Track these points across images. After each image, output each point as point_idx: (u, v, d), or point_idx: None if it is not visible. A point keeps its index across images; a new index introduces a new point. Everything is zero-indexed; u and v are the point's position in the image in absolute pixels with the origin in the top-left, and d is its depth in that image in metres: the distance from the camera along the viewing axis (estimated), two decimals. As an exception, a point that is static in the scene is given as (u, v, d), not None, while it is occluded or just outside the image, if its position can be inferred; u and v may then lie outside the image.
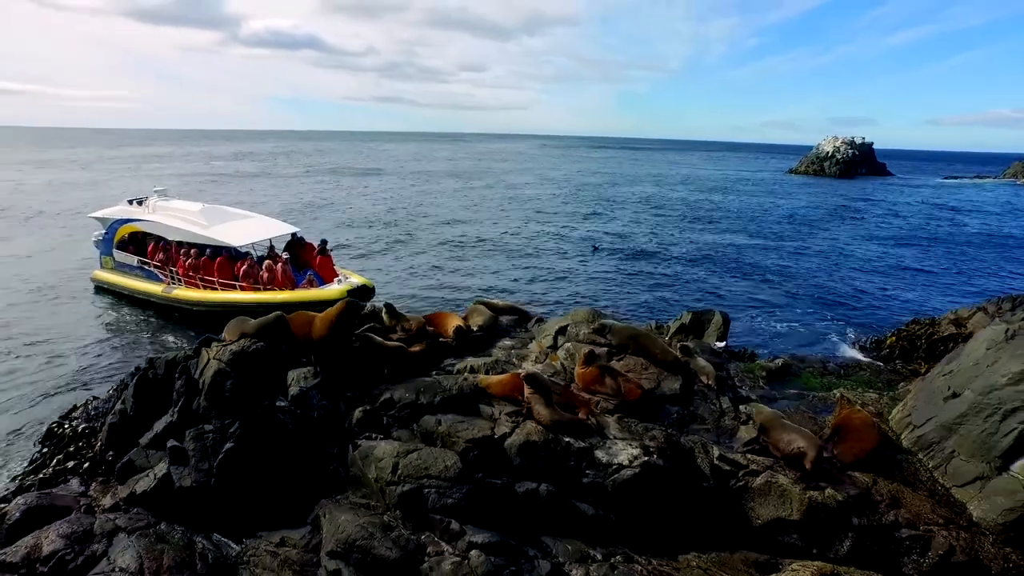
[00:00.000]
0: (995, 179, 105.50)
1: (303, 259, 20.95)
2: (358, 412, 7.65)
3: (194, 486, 7.20)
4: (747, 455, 7.95)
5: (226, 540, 7.07)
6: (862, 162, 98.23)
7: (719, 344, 12.06)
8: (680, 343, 10.18)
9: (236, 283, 18.87)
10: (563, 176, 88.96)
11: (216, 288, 19.10)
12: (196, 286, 19.54)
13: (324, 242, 21.07)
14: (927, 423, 8.51)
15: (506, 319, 11.06)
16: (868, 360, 15.28)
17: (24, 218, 40.13)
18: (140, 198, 23.25)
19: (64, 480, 8.54)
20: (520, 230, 39.26)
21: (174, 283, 20.14)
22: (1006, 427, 7.51)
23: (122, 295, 21.97)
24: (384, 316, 9.38)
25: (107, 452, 8.74)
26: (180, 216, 21.00)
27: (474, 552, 6.05)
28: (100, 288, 23.05)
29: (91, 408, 10.31)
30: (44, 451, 9.74)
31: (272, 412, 7.63)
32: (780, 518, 7.43)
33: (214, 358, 7.83)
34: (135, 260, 21.66)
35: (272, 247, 21.29)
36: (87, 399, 10.99)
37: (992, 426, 7.66)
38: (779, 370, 10.96)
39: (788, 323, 20.48)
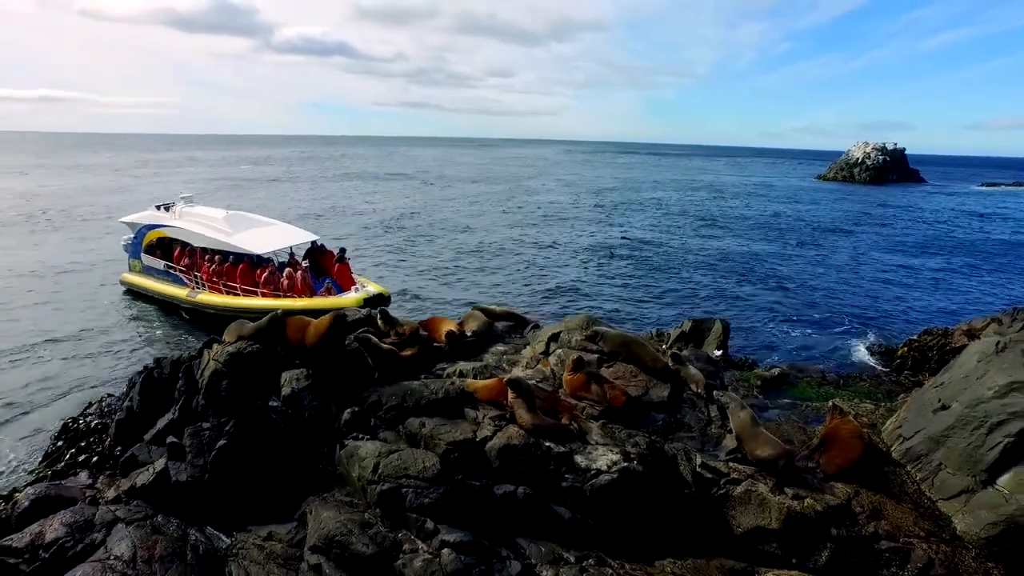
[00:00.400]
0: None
1: (323, 266, 21.52)
2: (347, 413, 7.92)
3: (189, 481, 7.56)
4: (729, 464, 8.00)
5: (218, 533, 7.41)
6: (893, 168, 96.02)
7: (717, 353, 12.07)
8: (672, 351, 10.23)
9: (258, 289, 19.44)
10: (585, 181, 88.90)
11: (238, 294, 19.68)
12: (219, 291, 20.16)
13: (343, 250, 21.59)
14: (916, 435, 8.44)
15: (502, 325, 11.25)
16: (876, 370, 15.12)
17: (63, 220, 41.90)
18: (167, 203, 24.10)
19: (74, 472, 9.01)
20: (536, 236, 39.43)
21: (198, 288, 20.80)
22: (992, 440, 7.44)
23: (149, 297, 22.79)
24: (379, 321, 9.67)
25: (115, 447, 9.20)
26: (204, 223, 21.70)
27: (446, 551, 6.25)
28: (128, 290, 23.96)
29: (104, 405, 10.81)
30: (59, 445, 10.26)
31: (265, 411, 7.95)
32: (760, 527, 7.46)
33: (213, 359, 8.20)
34: (162, 264, 22.46)
35: (292, 254, 21.90)
36: (102, 396, 11.51)
37: (978, 439, 7.58)
38: (775, 379, 10.93)
39: (801, 330, 20.25)
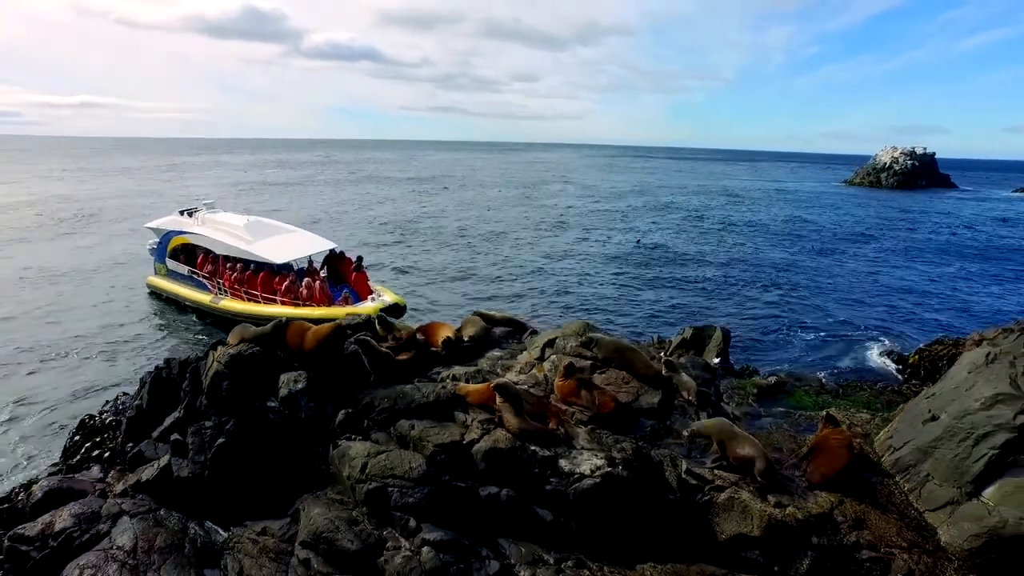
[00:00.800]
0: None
1: (341, 273, 22.03)
2: (341, 414, 8.20)
3: (190, 476, 7.93)
4: (714, 471, 8.10)
5: (216, 527, 7.76)
6: (922, 173, 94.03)
7: (715, 360, 12.13)
8: (666, 358, 10.34)
9: (277, 297, 19.95)
10: (605, 187, 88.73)
11: (259, 301, 20.21)
12: (241, 298, 20.74)
13: (360, 258, 22.07)
14: (905, 446, 8.45)
15: (500, 330, 11.46)
16: (882, 379, 14.98)
17: (96, 222, 43.47)
18: (191, 209, 24.84)
19: (87, 467, 9.47)
20: (552, 241, 39.61)
21: (221, 294, 21.41)
22: (978, 452, 7.43)
23: (173, 300, 23.52)
24: (377, 326, 9.97)
25: (126, 443, 9.64)
26: (226, 230, 22.30)
27: (425, 548, 6.48)
28: (154, 293, 24.76)
29: (119, 403, 11.29)
30: (76, 440, 10.76)
31: (263, 412, 8.29)
32: (742, 534, 7.55)
33: (216, 360, 8.57)
34: (186, 270, 23.16)
35: (311, 262, 22.43)
36: (118, 394, 12.02)
37: (965, 451, 7.58)
38: (771, 387, 10.98)
39: (812, 337, 20.11)
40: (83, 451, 10.11)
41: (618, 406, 8.86)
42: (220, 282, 21.56)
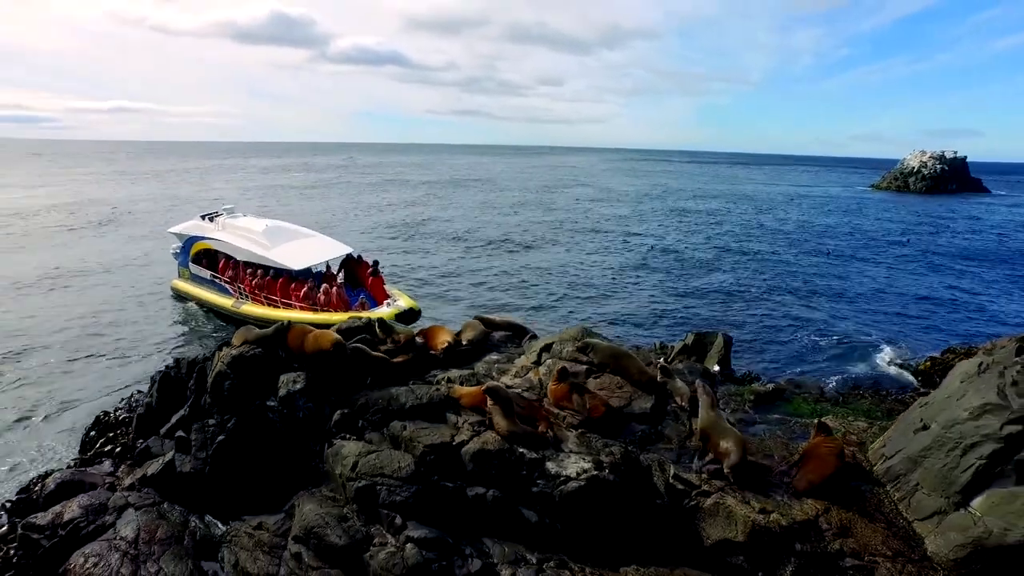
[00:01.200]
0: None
1: (358, 276, 22.47)
2: (337, 415, 8.48)
3: (192, 472, 8.27)
4: (702, 476, 8.18)
5: (215, 521, 8.10)
6: (952, 178, 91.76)
7: (715, 367, 12.15)
8: (661, 364, 10.43)
9: (296, 303, 20.42)
10: (627, 191, 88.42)
11: (279, 306, 20.69)
12: (262, 303, 21.26)
13: (376, 262, 22.48)
14: (896, 455, 8.40)
15: (499, 335, 11.66)
16: (889, 387, 14.78)
17: (125, 224, 44.84)
18: (212, 213, 25.50)
19: (99, 461, 9.90)
20: (567, 246, 39.69)
21: (242, 299, 21.97)
22: (965, 462, 7.38)
23: (197, 304, 24.18)
24: (376, 329, 10.24)
25: (136, 439, 10.06)
26: (245, 235, 22.81)
27: (409, 545, 6.70)
28: (178, 296, 25.48)
29: (133, 401, 11.75)
30: (92, 435, 11.24)
31: (263, 411, 8.61)
32: (727, 539, 7.61)
33: (219, 360, 8.92)
34: (208, 274, 23.79)
35: (329, 267, 22.90)
36: (132, 392, 12.50)
37: (953, 460, 7.54)
38: (769, 394, 10.97)
39: (823, 343, 19.86)
40: (97, 446, 10.57)
41: (609, 410, 8.98)
42: (241, 287, 22.10)
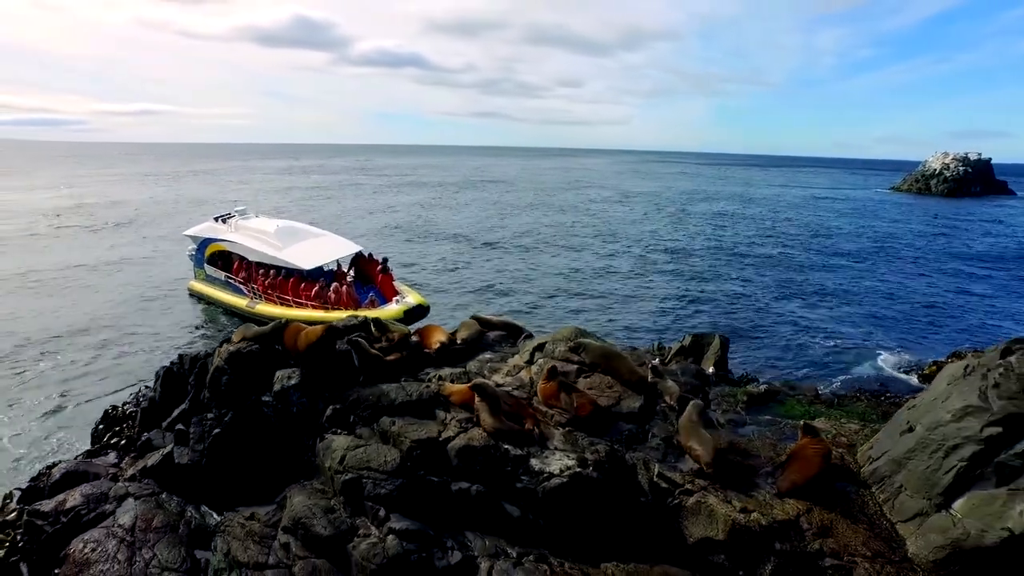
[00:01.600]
0: None
1: (367, 274, 22.85)
2: (329, 410, 8.71)
3: (190, 464, 8.56)
4: (685, 475, 8.27)
5: (211, 511, 8.36)
6: (976, 180, 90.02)
7: (710, 369, 12.20)
8: (652, 364, 10.51)
9: (308, 302, 20.83)
10: (641, 193, 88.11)
11: (291, 305, 21.13)
12: (275, 303, 21.72)
13: (385, 260, 22.85)
14: (882, 456, 8.42)
15: (495, 334, 11.83)
16: (890, 390, 14.68)
17: (145, 225, 45.90)
18: (225, 215, 26.06)
19: (105, 453, 10.26)
20: (577, 247, 39.76)
21: (256, 298, 22.45)
22: (948, 464, 7.39)
23: (213, 304, 24.73)
24: (372, 327, 10.47)
25: (141, 432, 10.40)
26: (257, 236, 23.33)
27: (390, 537, 6.89)
28: (194, 296, 26.07)
29: (140, 395, 12.13)
30: (100, 428, 11.63)
31: (258, 406, 8.87)
32: (708, 537, 7.69)
33: (218, 357, 9.22)
34: (222, 275, 24.35)
35: (339, 265, 23.31)
36: (140, 388, 12.90)
37: (936, 462, 7.54)
38: (762, 396, 11.00)
39: (831, 346, 19.78)
40: (104, 439, 10.95)
41: (596, 409, 9.09)
42: (254, 287, 22.57)
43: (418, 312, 19.91)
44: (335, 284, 21.07)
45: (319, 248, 23.26)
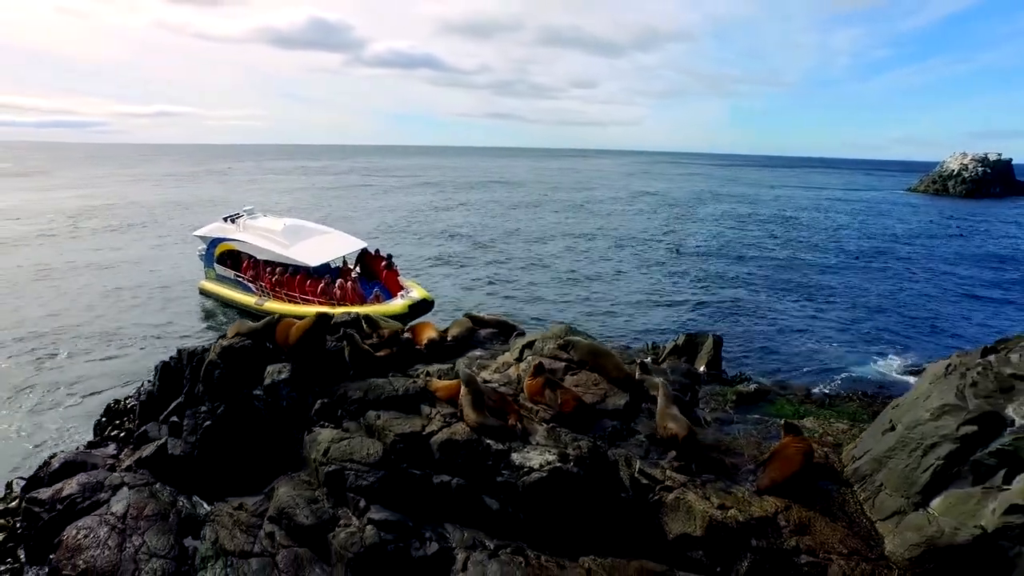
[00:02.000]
0: None
1: (373, 270, 23.15)
2: (317, 404, 8.91)
3: (182, 455, 8.80)
4: (666, 471, 8.34)
5: (202, 501, 8.59)
6: (995, 181, 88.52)
7: (702, 368, 12.24)
8: (640, 361, 10.59)
9: (314, 298, 21.15)
10: (651, 193, 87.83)
11: (298, 303, 21.47)
12: (282, 300, 22.08)
13: (390, 256, 23.15)
14: (865, 455, 8.44)
15: (486, 332, 11.97)
16: (897, 389, 14.59)
17: (160, 225, 46.68)
18: (233, 215, 26.51)
19: (105, 444, 10.55)
20: (583, 247, 39.80)
21: (264, 296, 22.85)
22: (925, 463, 7.41)
23: (223, 303, 25.18)
24: (363, 324, 10.66)
25: (139, 425, 10.68)
26: (265, 235, 23.77)
27: (369, 527, 7.06)
28: (205, 296, 26.54)
29: (141, 390, 12.42)
30: (103, 421, 11.95)
31: (249, 399, 9.09)
32: (686, 534, 7.76)
33: (212, 351, 9.46)
34: (232, 274, 24.79)
35: (345, 262, 23.63)
36: (141, 382, 13.22)
37: (915, 461, 7.56)
38: (751, 395, 11.04)
39: (833, 346, 19.65)
40: (106, 431, 11.26)
41: (580, 405, 9.19)
42: (262, 285, 22.96)
43: (423, 307, 20.12)
44: (340, 280, 21.38)
45: (325, 245, 23.61)
